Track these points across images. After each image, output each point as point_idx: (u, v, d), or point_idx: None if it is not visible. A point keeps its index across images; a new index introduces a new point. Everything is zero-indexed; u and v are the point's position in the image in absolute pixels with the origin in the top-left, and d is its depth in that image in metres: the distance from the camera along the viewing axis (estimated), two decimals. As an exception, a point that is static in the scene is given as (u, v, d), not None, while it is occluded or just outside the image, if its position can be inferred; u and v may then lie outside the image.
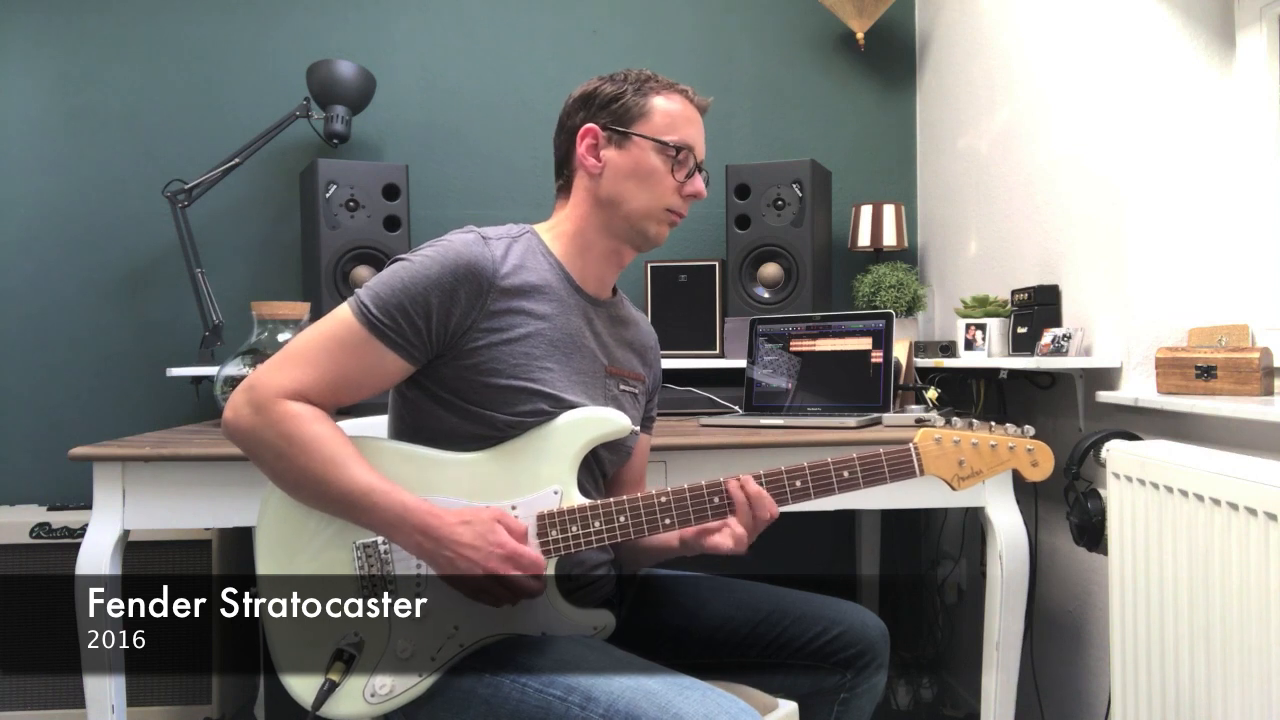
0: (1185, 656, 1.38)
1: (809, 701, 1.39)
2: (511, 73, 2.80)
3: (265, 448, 1.17)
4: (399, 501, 1.15)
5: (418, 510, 1.15)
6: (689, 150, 1.31)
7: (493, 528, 1.15)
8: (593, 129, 1.31)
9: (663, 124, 1.30)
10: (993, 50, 2.35)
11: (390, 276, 1.21)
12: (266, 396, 1.16)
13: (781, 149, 2.82)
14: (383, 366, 1.20)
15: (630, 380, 1.40)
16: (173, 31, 2.73)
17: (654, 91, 1.32)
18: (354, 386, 1.20)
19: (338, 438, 1.17)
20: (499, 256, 1.25)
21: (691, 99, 1.35)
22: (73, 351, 2.69)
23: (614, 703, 1.07)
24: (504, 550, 1.13)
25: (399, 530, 1.15)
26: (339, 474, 1.15)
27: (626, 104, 1.30)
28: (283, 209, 2.75)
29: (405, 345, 1.20)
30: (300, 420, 1.16)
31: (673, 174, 1.30)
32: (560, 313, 1.29)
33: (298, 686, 1.20)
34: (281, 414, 1.16)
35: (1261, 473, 1.23)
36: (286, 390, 1.17)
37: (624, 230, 1.32)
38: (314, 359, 1.19)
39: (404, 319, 1.18)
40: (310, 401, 1.18)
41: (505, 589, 1.14)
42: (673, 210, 1.32)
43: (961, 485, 1.29)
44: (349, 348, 1.19)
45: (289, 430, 1.15)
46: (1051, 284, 2.04)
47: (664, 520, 1.25)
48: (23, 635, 2.35)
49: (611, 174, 1.30)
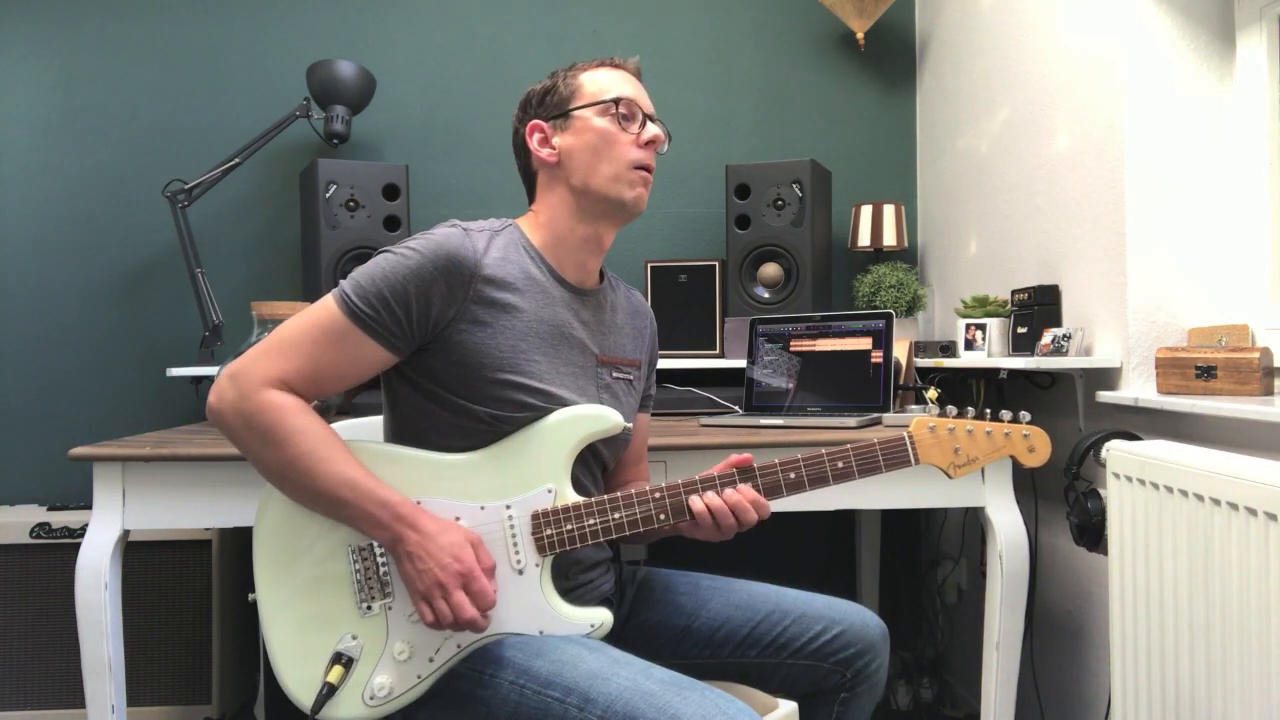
0: (1185, 656, 1.38)
1: (809, 701, 1.39)
2: (511, 73, 2.80)
3: (249, 435, 1.17)
4: (381, 497, 1.16)
5: (398, 505, 1.16)
6: (630, 101, 1.33)
7: (463, 545, 1.16)
8: (537, 124, 1.34)
9: (595, 90, 1.33)
10: (993, 50, 2.35)
11: (372, 267, 1.22)
12: (251, 385, 1.17)
13: (781, 149, 2.82)
14: (364, 355, 1.21)
15: (624, 366, 1.41)
16: (173, 31, 2.74)
17: (580, 70, 1.36)
18: (336, 375, 1.21)
19: (322, 431, 1.18)
20: (480, 248, 1.25)
21: (619, 64, 1.38)
22: (73, 351, 2.70)
23: (612, 704, 1.07)
24: (461, 566, 1.14)
25: (375, 523, 1.16)
26: (324, 467, 1.16)
27: (558, 90, 1.34)
28: (283, 209, 2.75)
29: (385, 334, 1.20)
30: (284, 411, 1.17)
31: (623, 129, 1.32)
32: (545, 305, 1.30)
33: (296, 690, 1.20)
34: (265, 403, 1.16)
35: (1261, 473, 1.23)
36: (271, 378, 1.18)
37: (601, 208, 1.33)
38: (298, 347, 1.20)
39: (384, 308, 1.19)
40: (293, 389, 1.19)
41: (446, 604, 1.14)
42: (639, 165, 1.33)
43: (958, 473, 1.28)
44: (332, 336, 1.20)
45: (273, 420, 1.16)
46: (1051, 284, 2.04)
47: (658, 516, 1.25)
48: (23, 635, 2.35)
49: (568, 157, 1.32)
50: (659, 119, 1.37)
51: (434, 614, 1.15)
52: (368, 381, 1.27)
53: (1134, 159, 1.78)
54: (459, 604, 1.14)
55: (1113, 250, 1.82)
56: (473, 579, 1.15)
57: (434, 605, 1.14)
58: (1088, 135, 1.91)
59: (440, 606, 1.14)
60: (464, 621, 1.14)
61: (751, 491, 1.25)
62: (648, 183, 1.34)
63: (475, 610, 1.14)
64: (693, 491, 1.25)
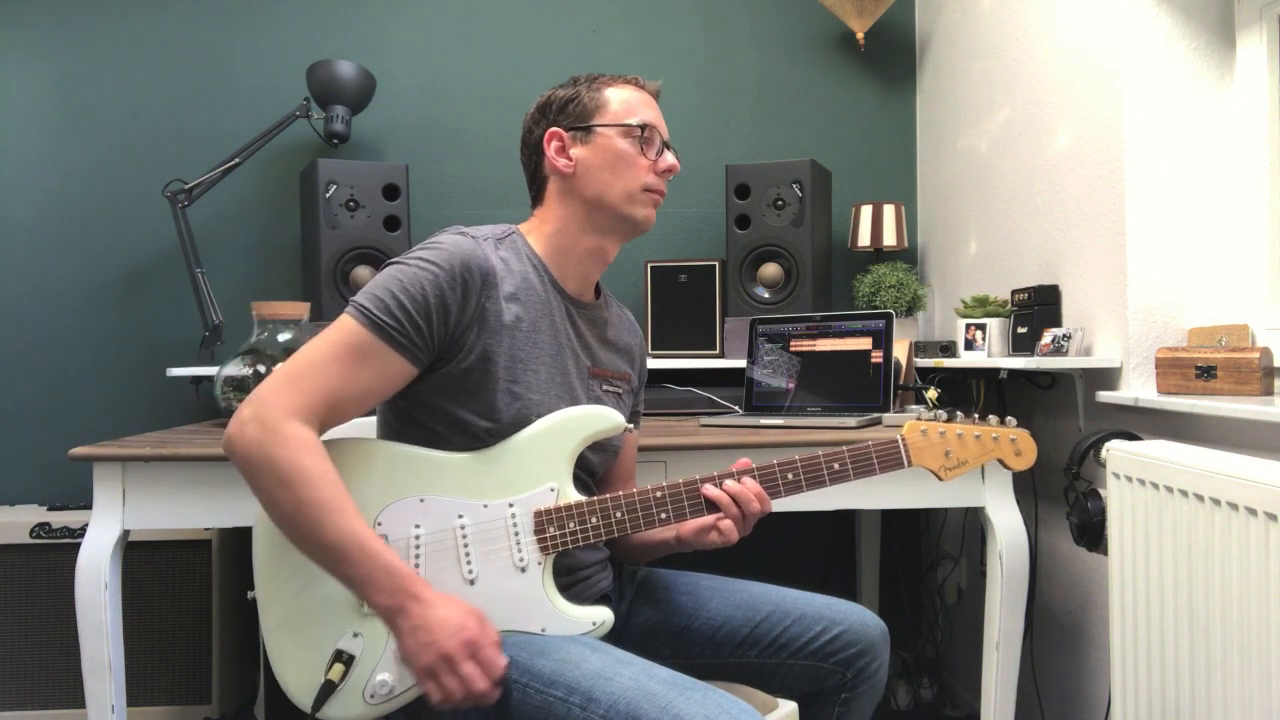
0: (1185, 656, 1.38)
1: (809, 701, 1.39)
2: (511, 73, 2.80)
3: (269, 470, 1.11)
4: (389, 564, 1.11)
5: (404, 575, 1.11)
6: (652, 128, 1.34)
7: (468, 615, 1.11)
8: (556, 132, 1.33)
9: (621, 110, 1.33)
10: (993, 50, 2.35)
11: (386, 279, 1.20)
12: (275, 416, 1.12)
13: (781, 149, 2.82)
14: (388, 370, 1.18)
15: (614, 380, 1.41)
16: (172, 31, 2.74)
17: (605, 85, 1.35)
18: (359, 395, 1.17)
19: (338, 480, 1.13)
20: (489, 256, 1.25)
21: (643, 85, 1.38)
22: (73, 351, 2.70)
23: (614, 703, 1.07)
24: (467, 634, 1.09)
25: (380, 589, 1.10)
26: (337, 519, 1.10)
27: (582, 101, 1.33)
28: (283, 209, 2.75)
29: (409, 345, 1.19)
30: (306, 451, 1.11)
31: (643, 154, 1.33)
32: (544, 314, 1.30)
33: (295, 688, 1.20)
34: (289, 437, 1.11)
35: (1261, 473, 1.23)
36: (295, 408, 1.13)
37: (610, 223, 1.33)
38: (321, 369, 1.15)
39: (406, 319, 1.18)
40: (317, 418, 1.15)
41: (455, 677, 1.08)
42: (651, 189, 1.34)
43: (948, 475, 1.31)
44: (355, 353, 1.17)
45: (295, 459, 1.10)
46: (1051, 284, 2.04)
47: (660, 515, 1.25)
48: (22, 635, 2.35)
49: (584, 170, 1.32)
50: (673, 146, 1.38)
51: (442, 690, 1.09)
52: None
53: (1134, 159, 1.78)
54: (469, 676, 1.08)
55: (1113, 250, 1.83)
56: (480, 648, 1.10)
57: (441, 680, 1.09)
58: (1088, 135, 1.91)
59: (448, 682, 1.09)
60: (475, 695, 1.09)
61: (755, 484, 1.27)
62: (657, 204, 1.36)
63: (487, 681, 1.09)
64: (694, 489, 1.26)
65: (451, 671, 1.09)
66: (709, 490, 1.26)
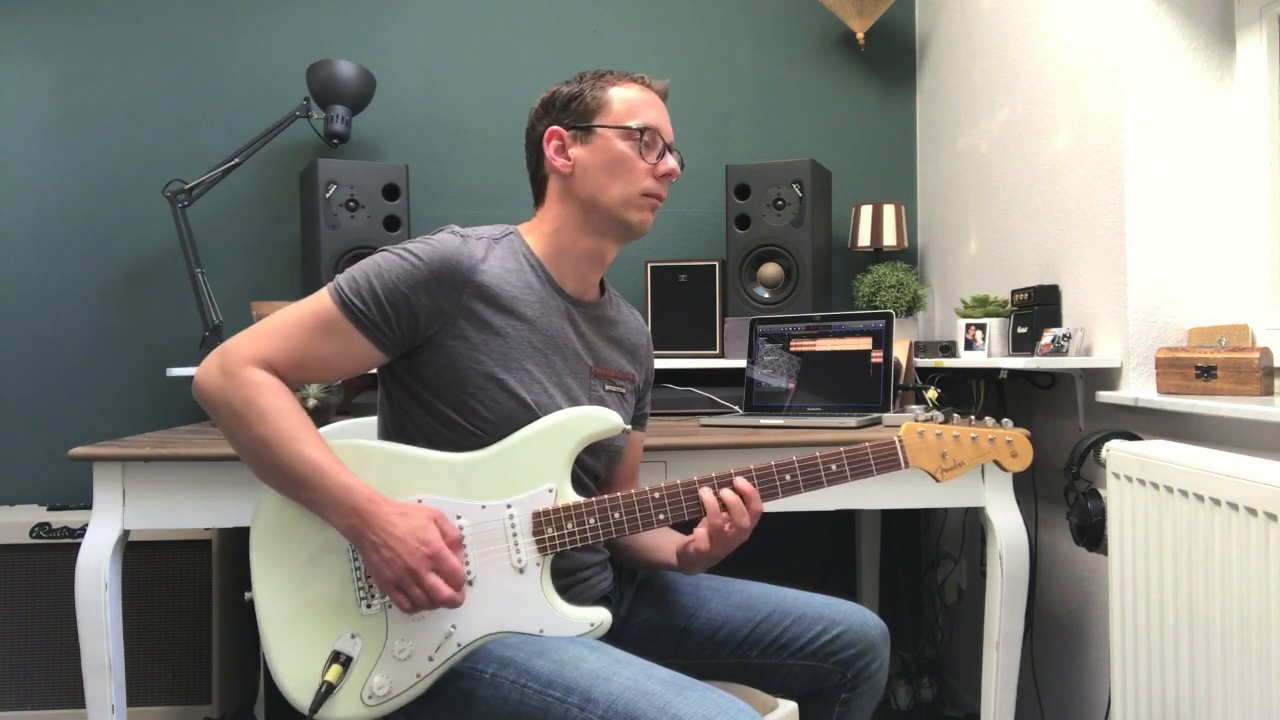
0: (1185, 656, 1.38)
1: (809, 701, 1.39)
2: (511, 73, 2.80)
3: (227, 411, 1.18)
4: (343, 482, 1.16)
5: (359, 492, 1.16)
6: (654, 131, 1.32)
7: (426, 525, 1.16)
8: (557, 130, 1.33)
9: (623, 111, 1.31)
10: (993, 50, 2.35)
11: (369, 264, 1.24)
12: (236, 362, 1.19)
13: (781, 149, 2.82)
14: (352, 349, 1.22)
15: (618, 380, 1.41)
16: (173, 32, 2.74)
17: (610, 84, 1.33)
18: (322, 364, 1.23)
19: (296, 414, 1.19)
20: (478, 256, 1.26)
21: (649, 85, 1.36)
22: (73, 351, 2.70)
23: (613, 704, 1.07)
24: (429, 549, 1.14)
25: (336, 509, 1.16)
26: (292, 448, 1.16)
27: (585, 100, 1.32)
28: (283, 209, 2.75)
29: (374, 330, 1.21)
30: (262, 390, 1.18)
31: (642, 157, 1.31)
32: (541, 314, 1.30)
33: (294, 689, 1.20)
34: (245, 380, 1.18)
35: (1261, 473, 1.23)
36: (255, 358, 1.20)
37: (605, 225, 1.33)
38: (287, 333, 1.22)
39: (375, 305, 1.21)
40: (277, 371, 1.21)
41: (420, 589, 1.14)
42: (649, 194, 1.32)
43: (945, 477, 1.30)
44: (322, 325, 1.22)
45: (249, 397, 1.17)
46: (1051, 284, 2.04)
47: (658, 516, 1.25)
48: (22, 635, 2.35)
49: (583, 171, 1.31)
50: (676, 149, 1.36)
51: (410, 601, 1.15)
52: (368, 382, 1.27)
53: (1134, 159, 1.78)
54: (433, 587, 1.14)
55: (1113, 250, 1.82)
56: (441, 559, 1.15)
57: (408, 593, 1.15)
58: (1088, 135, 1.91)
59: (415, 594, 1.14)
60: (440, 602, 1.15)
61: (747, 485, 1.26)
62: (655, 209, 1.34)
63: (450, 589, 1.15)
64: (692, 490, 1.26)
65: (417, 583, 1.14)
66: (703, 493, 1.26)
